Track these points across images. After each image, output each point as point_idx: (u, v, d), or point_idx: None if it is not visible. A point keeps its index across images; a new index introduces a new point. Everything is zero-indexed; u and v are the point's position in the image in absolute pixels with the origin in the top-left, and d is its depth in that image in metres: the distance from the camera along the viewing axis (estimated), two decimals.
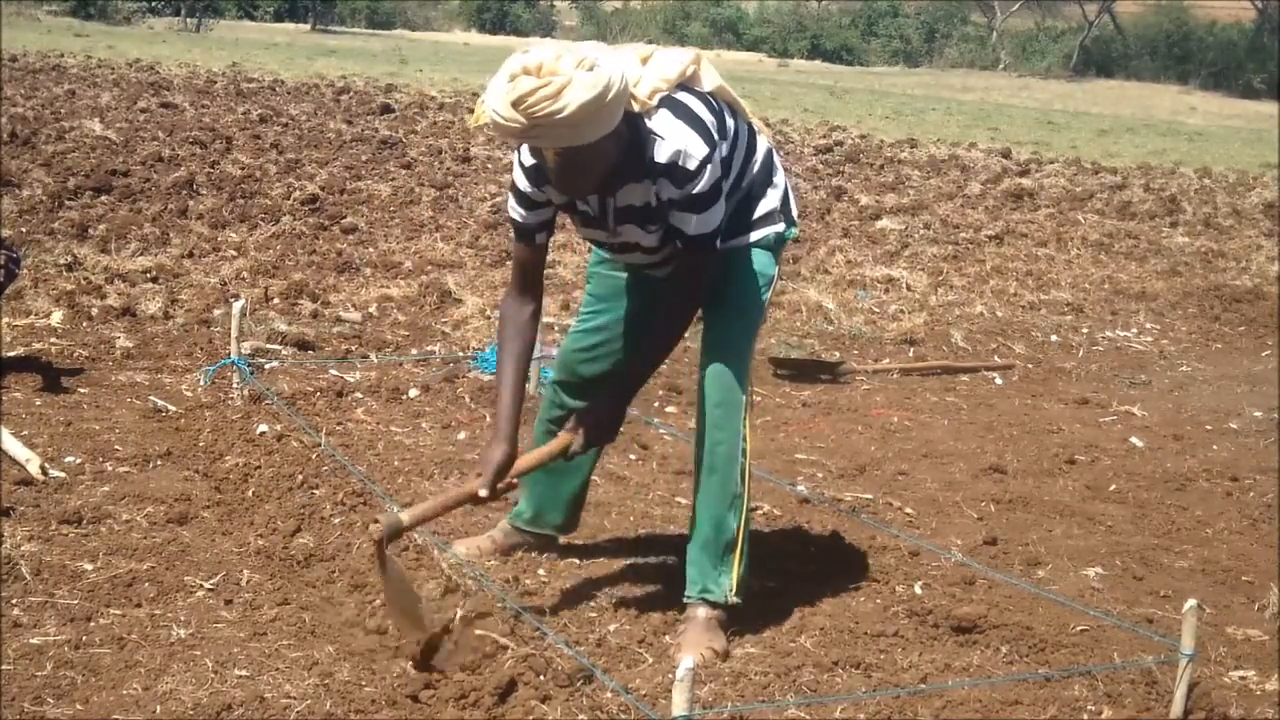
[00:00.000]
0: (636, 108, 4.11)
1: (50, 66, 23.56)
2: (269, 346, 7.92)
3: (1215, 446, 7.64)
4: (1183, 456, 7.38)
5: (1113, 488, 6.72)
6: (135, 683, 4.05)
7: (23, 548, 4.89)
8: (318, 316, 8.75)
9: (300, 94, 22.85)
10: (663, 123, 4.14)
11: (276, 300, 8.97)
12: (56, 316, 8.13)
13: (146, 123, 16.40)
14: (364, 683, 4.15)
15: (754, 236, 4.55)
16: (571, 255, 11.18)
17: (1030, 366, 9.33)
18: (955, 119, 33.13)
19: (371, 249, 10.86)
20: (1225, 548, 5.97)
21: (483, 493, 4.32)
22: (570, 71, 3.83)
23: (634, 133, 4.12)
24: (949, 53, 72.88)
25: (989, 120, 32.45)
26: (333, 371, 7.65)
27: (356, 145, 16.06)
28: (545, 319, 7.90)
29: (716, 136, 4.21)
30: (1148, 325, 10.91)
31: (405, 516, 4.29)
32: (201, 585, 4.79)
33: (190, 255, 9.95)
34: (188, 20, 55.46)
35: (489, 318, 9.01)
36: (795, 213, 4.71)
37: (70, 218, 10.59)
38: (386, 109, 20.25)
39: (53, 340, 7.73)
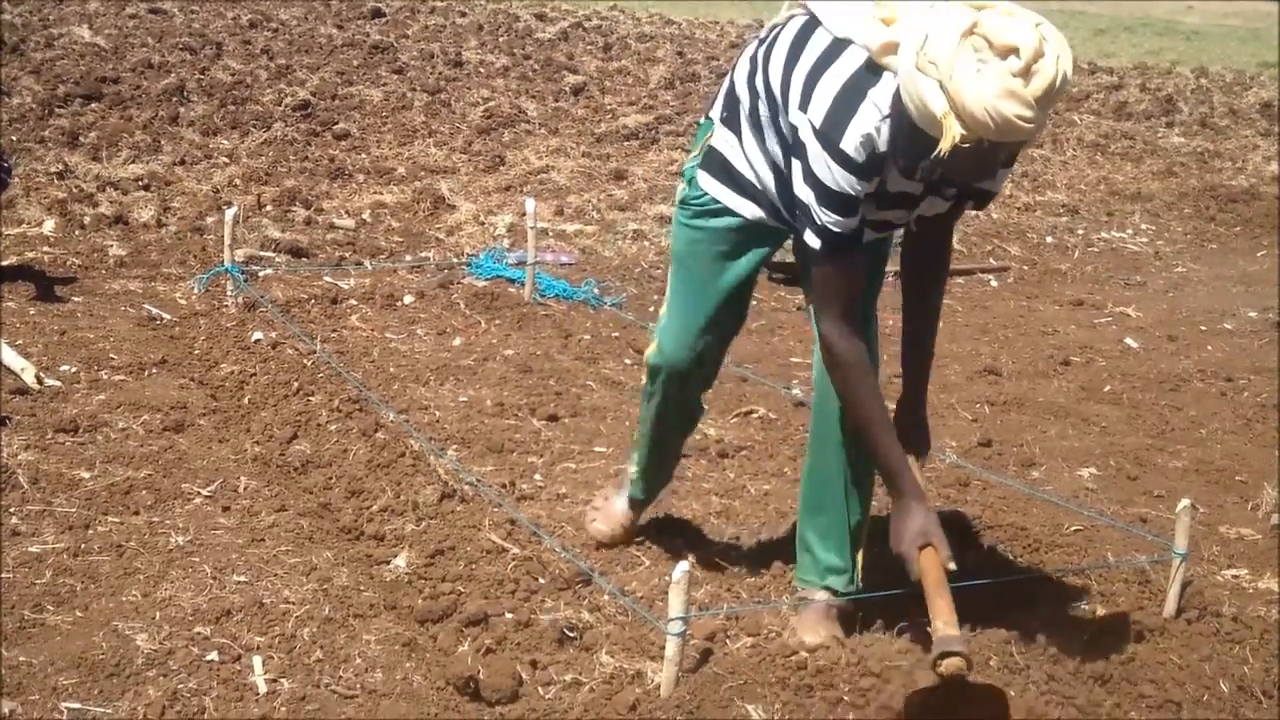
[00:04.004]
0: None
1: None
2: (262, 254, 7.90)
3: (1210, 347, 7.65)
4: (1177, 357, 7.39)
5: (1107, 389, 6.73)
6: (134, 589, 4.08)
7: (20, 456, 4.90)
8: (311, 223, 8.72)
9: None
10: None
11: (269, 207, 8.93)
12: (49, 225, 8.10)
13: (136, 29, 16.22)
14: (362, 587, 4.18)
15: None
16: (565, 160, 11.11)
17: (1025, 268, 9.32)
18: None
19: (364, 155, 10.79)
20: (1219, 448, 5.99)
21: (952, 566, 3.63)
22: (1044, 38, 3.17)
23: None
24: None
25: None
26: (327, 278, 7.64)
27: (347, 50, 15.91)
28: (540, 224, 7.89)
29: None
30: (1143, 226, 10.88)
31: (953, 632, 3.46)
32: (199, 492, 4.80)
33: (182, 163, 9.89)
34: None
35: (482, 223, 8.98)
36: None
37: (61, 125, 10.51)
38: (377, 13, 20.03)
39: (45, 249, 7.70)
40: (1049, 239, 10.14)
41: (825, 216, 3.52)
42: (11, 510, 4.52)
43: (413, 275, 7.87)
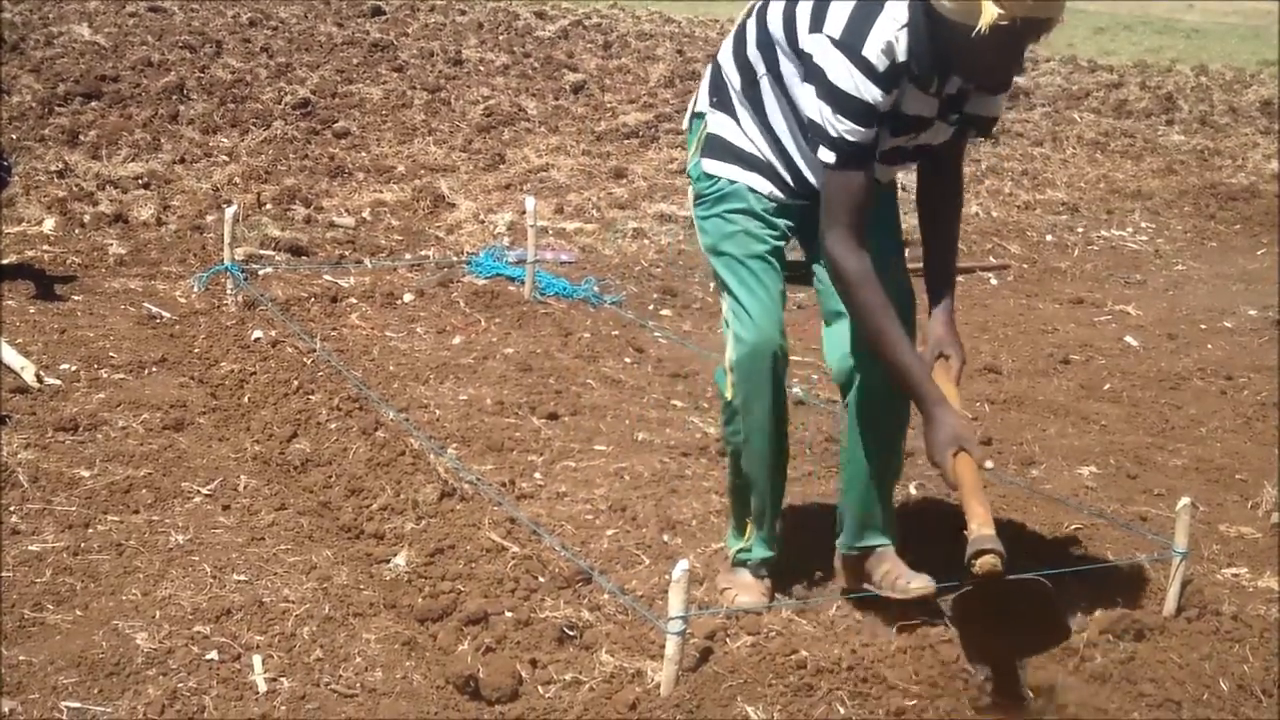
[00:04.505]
0: None
1: None
2: (262, 252, 7.90)
3: (1210, 345, 7.65)
4: (1177, 355, 7.39)
5: (1107, 387, 6.73)
6: (134, 588, 4.08)
7: (20, 455, 4.90)
8: (311, 221, 8.72)
9: None
10: None
11: (269, 205, 8.93)
12: (49, 224, 8.10)
13: (135, 27, 16.23)
14: (362, 586, 4.18)
15: None
16: (565, 158, 11.11)
17: (1025, 266, 9.32)
18: None
19: (364, 153, 10.79)
20: (1219, 446, 5.99)
21: (989, 464, 3.76)
22: None
23: None
24: None
25: None
26: (327, 277, 7.64)
27: (347, 48, 15.92)
28: (540, 222, 7.89)
29: None
30: (1143, 224, 10.87)
31: (987, 532, 3.54)
32: (199, 491, 4.80)
33: (182, 161, 9.90)
34: None
35: (482, 222, 8.98)
36: None
37: (60, 124, 10.52)
38: (377, 11, 20.04)
39: (45, 248, 7.71)
40: (1049, 237, 10.14)
41: (842, 125, 3.60)
42: (11, 509, 4.52)
43: (412, 274, 7.87)
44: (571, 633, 3.90)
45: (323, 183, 9.72)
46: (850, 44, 3.55)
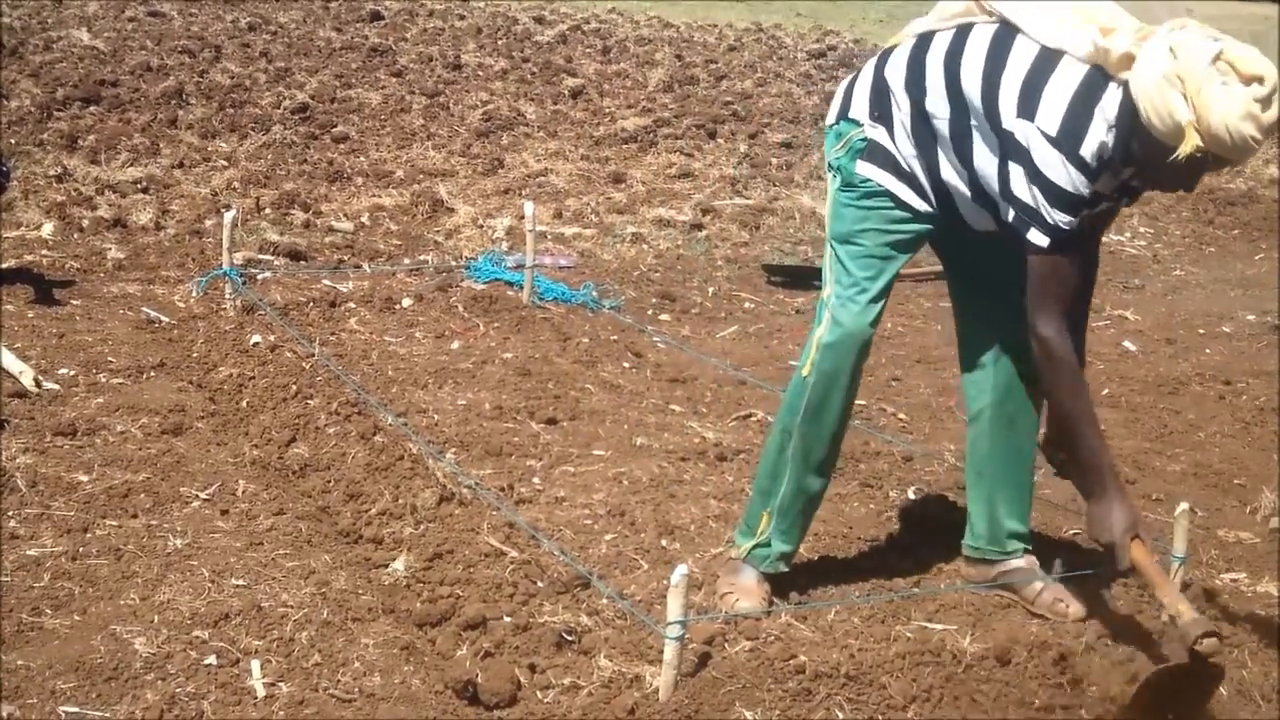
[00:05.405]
0: None
1: None
2: (261, 257, 7.89)
3: (1208, 350, 7.64)
4: (1176, 360, 7.39)
5: (1106, 392, 6.73)
6: (133, 593, 4.08)
7: (18, 460, 4.90)
8: (310, 226, 8.72)
9: (288, 1, 22.59)
10: None
11: (268, 210, 8.92)
12: (47, 228, 8.10)
13: (134, 32, 16.21)
14: (360, 590, 4.17)
15: None
16: (563, 163, 11.11)
17: None
18: None
19: (363, 158, 10.78)
20: (1217, 451, 5.99)
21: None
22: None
23: None
24: None
25: None
26: (325, 281, 7.63)
27: (346, 53, 15.90)
28: (539, 227, 7.88)
29: None
30: (1142, 229, 10.86)
31: (1198, 615, 3.70)
32: (197, 496, 4.80)
33: (180, 165, 9.89)
34: None
35: (481, 226, 8.98)
36: None
37: (59, 128, 10.51)
38: (376, 16, 20.02)
39: (44, 252, 7.70)
40: None
41: (1058, 216, 3.71)
42: (10, 514, 4.52)
43: (411, 278, 7.87)
44: (570, 637, 3.90)
45: (321, 187, 9.71)
46: (1067, 144, 3.66)
